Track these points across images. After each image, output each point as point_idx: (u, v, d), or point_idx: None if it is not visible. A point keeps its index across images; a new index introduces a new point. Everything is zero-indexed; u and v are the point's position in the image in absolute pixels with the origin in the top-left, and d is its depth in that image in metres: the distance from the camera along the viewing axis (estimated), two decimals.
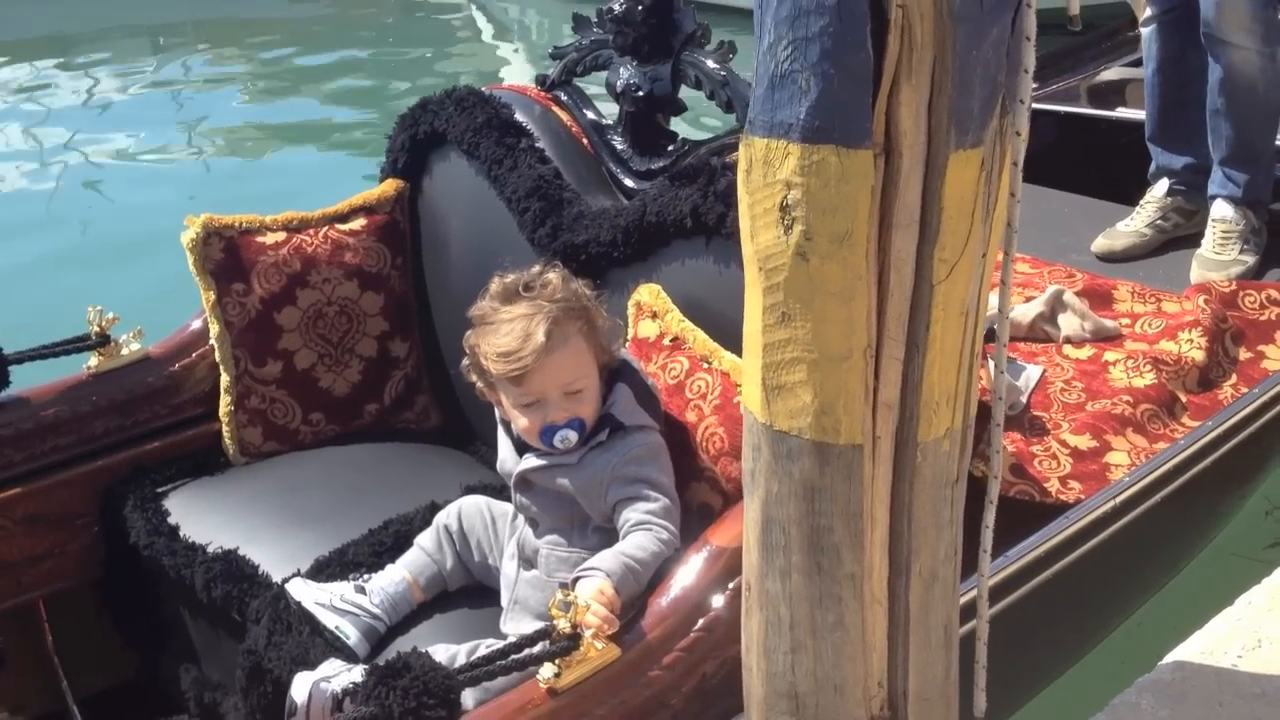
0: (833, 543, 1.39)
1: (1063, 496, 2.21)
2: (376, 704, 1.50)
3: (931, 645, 1.51)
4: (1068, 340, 2.72)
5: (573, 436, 1.93)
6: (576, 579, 1.79)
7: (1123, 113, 3.96)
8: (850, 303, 1.28)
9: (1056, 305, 2.75)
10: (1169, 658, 2.20)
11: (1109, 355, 2.63)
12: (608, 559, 1.81)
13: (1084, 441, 2.33)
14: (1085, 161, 3.81)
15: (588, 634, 1.67)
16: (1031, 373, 2.50)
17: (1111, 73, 4.35)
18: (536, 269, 2.00)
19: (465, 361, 2.00)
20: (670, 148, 2.41)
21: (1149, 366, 2.55)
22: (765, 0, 1.22)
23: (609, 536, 1.91)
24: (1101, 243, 3.44)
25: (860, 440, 1.34)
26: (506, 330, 1.90)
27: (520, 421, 1.97)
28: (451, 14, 11.46)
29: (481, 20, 11.15)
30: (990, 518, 1.57)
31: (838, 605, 1.42)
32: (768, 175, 1.26)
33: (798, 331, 1.31)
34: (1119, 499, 2.21)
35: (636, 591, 1.80)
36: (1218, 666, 2.15)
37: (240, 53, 10.26)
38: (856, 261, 1.26)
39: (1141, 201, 3.50)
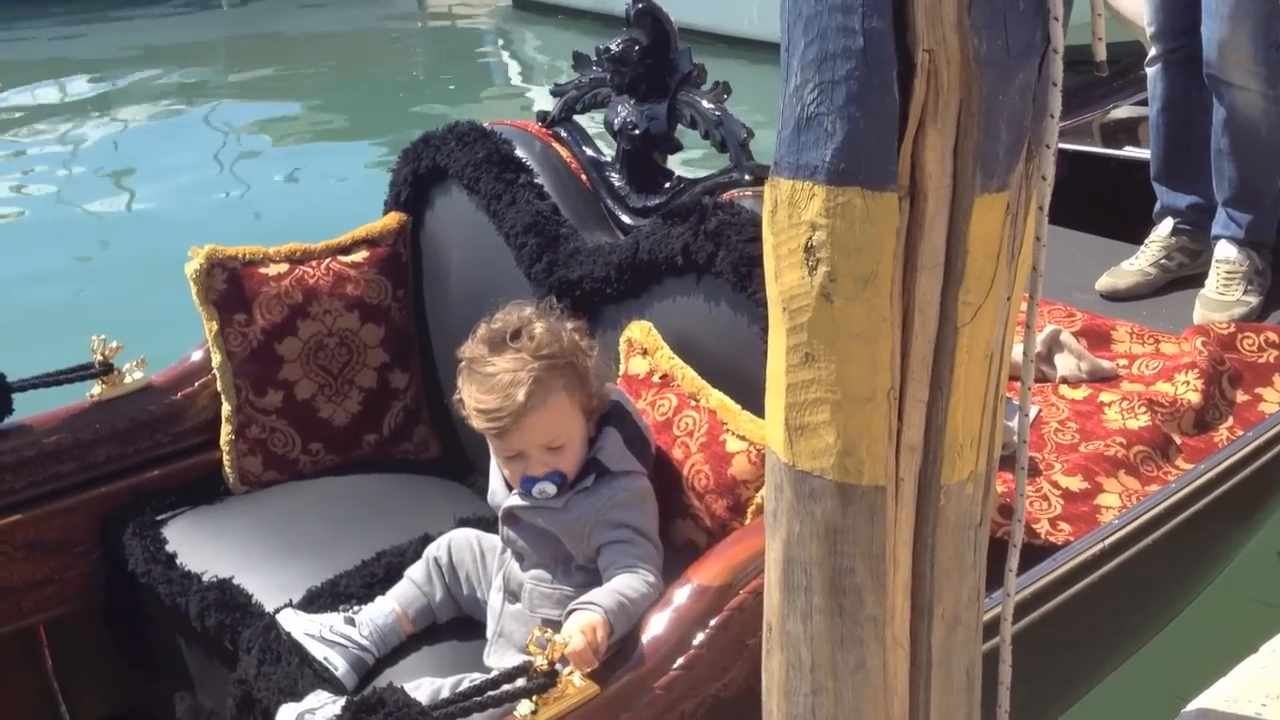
0: (854, 584, 1.39)
1: (1051, 538, 2.21)
2: None
3: (954, 689, 1.50)
4: (1064, 380, 2.73)
5: (550, 489, 1.95)
6: (571, 611, 1.79)
7: (1130, 151, 3.96)
8: (874, 344, 1.28)
9: (1053, 345, 2.76)
10: (1193, 705, 2.18)
11: (1104, 396, 2.63)
12: (604, 595, 1.81)
13: (1075, 483, 2.33)
14: (1092, 199, 3.81)
15: (565, 670, 1.68)
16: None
17: (1121, 111, 4.35)
18: (529, 312, 2.01)
19: (456, 396, 2.02)
20: (666, 185, 2.43)
21: (1144, 408, 2.55)
22: (792, 43, 1.24)
23: (592, 576, 1.92)
24: (1106, 281, 3.44)
25: (883, 482, 1.34)
26: (489, 386, 1.91)
27: (503, 469, 2.00)
28: (478, 49, 11.57)
29: (507, 56, 11.25)
30: (1014, 561, 1.56)
31: (859, 648, 1.42)
32: (793, 216, 1.28)
33: (821, 372, 1.31)
34: (1108, 541, 2.20)
35: (626, 631, 1.80)
36: (1242, 715, 2.12)
37: (265, 77, 10.38)
38: (880, 303, 1.27)
39: (1146, 240, 3.50)
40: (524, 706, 1.65)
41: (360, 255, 2.72)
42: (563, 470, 1.95)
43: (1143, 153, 3.80)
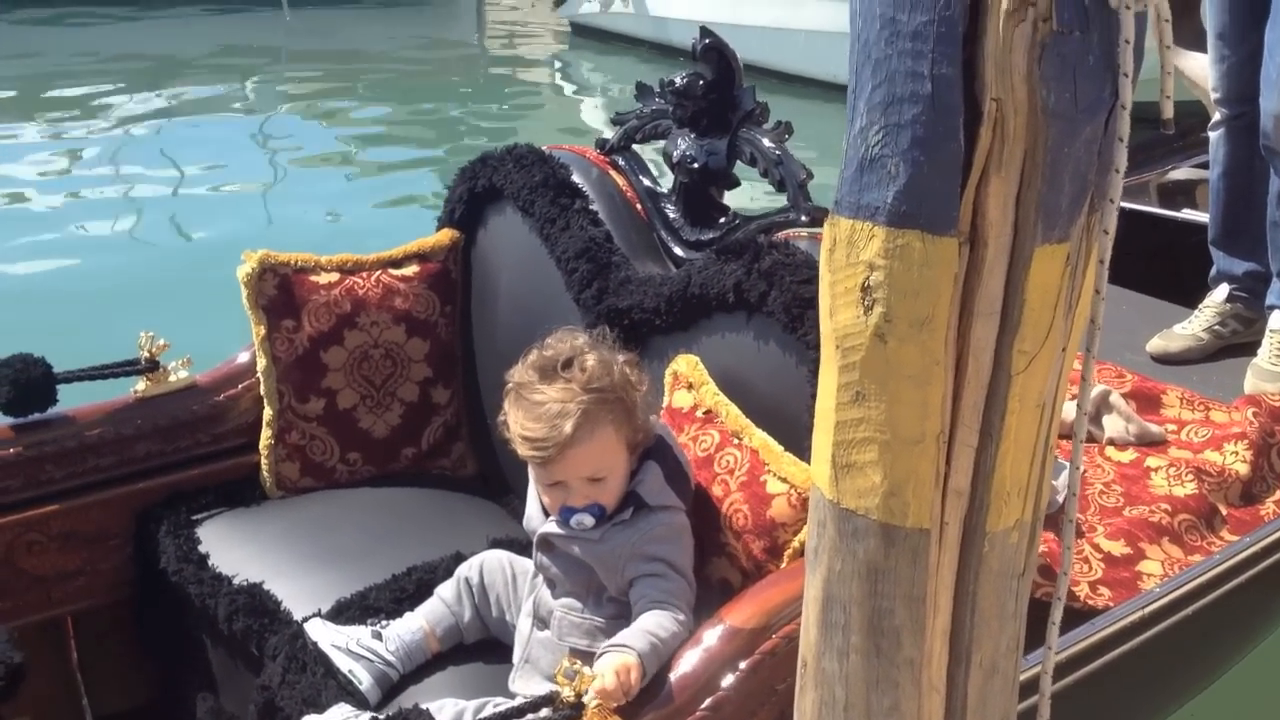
0: (893, 626, 1.38)
1: (1091, 602, 2.17)
2: None
3: None
4: (1110, 442, 2.69)
5: (588, 521, 1.94)
6: (604, 651, 1.77)
7: (1189, 214, 3.93)
8: (926, 387, 1.28)
9: (1102, 406, 2.72)
10: None
11: (1151, 461, 2.60)
12: (637, 637, 1.78)
13: (1118, 547, 2.30)
14: (1147, 260, 3.77)
15: (591, 704, 1.66)
16: (1062, 471, 2.46)
17: (1181, 172, 4.32)
18: (581, 341, 1.99)
19: (501, 418, 2.01)
20: (721, 220, 2.42)
21: (1191, 476, 2.51)
22: (860, 85, 1.24)
23: (623, 608, 1.91)
24: (1157, 344, 3.40)
25: (928, 525, 1.33)
26: (536, 414, 1.89)
27: (543, 496, 1.99)
28: (535, 73, 11.65)
29: (563, 81, 11.31)
30: (1057, 615, 1.54)
31: (894, 690, 1.41)
32: (851, 255, 1.27)
33: (871, 412, 1.31)
34: (1148, 609, 2.17)
35: (655, 670, 1.78)
36: None
37: (328, 88, 10.47)
38: (935, 346, 1.26)
39: (1200, 305, 3.46)
40: None
41: (411, 269, 2.73)
42: (602, 503, 1.93)
43: (1200, 215, 3.77)
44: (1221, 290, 3.46)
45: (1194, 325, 3.43)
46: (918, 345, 1.26)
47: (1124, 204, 4.05)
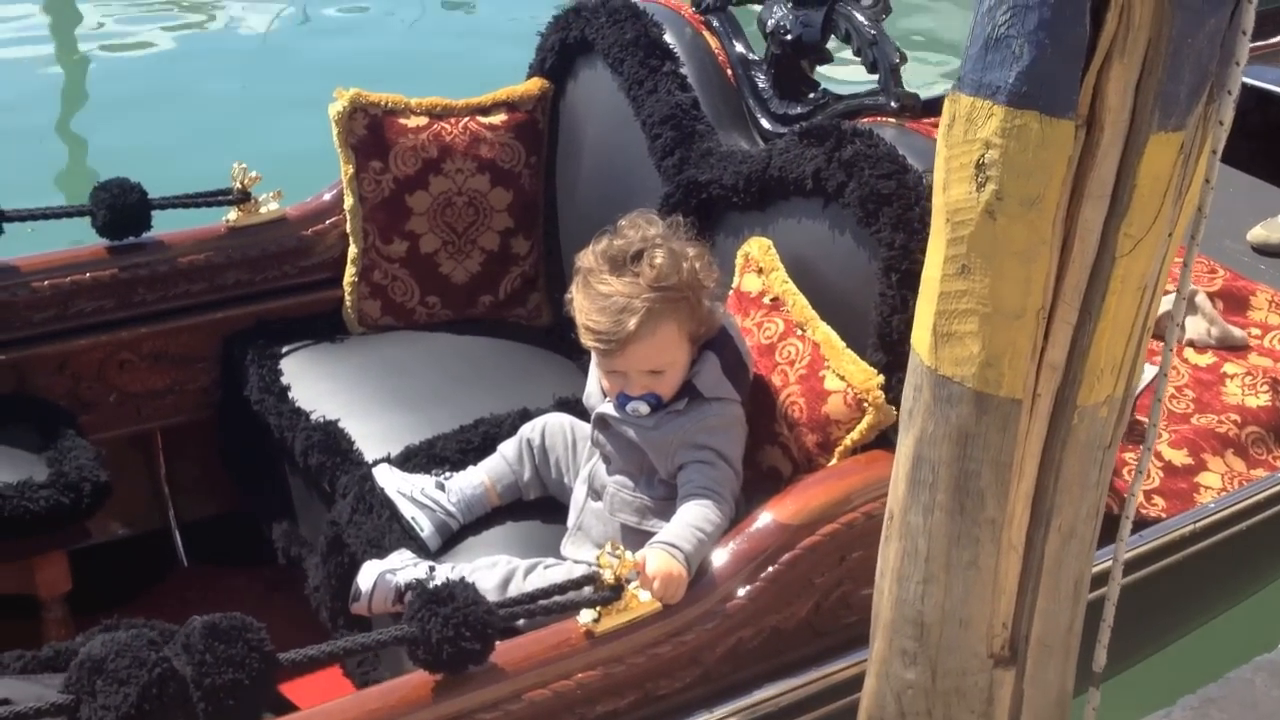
0: (978, 487, 1.46)
1: (1144, 511, 2.17)
2: (417, 626, 1.59)
3: (1060, 596, 1.57)
4: (1190, 344, 2.64)
5: (644, 409, 1.97)
6: (654, 545, 1.80)
7: None
8: (1031, 264, 1.34)
9: (1187, 306, 2.65)
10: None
11: (1229, 368, 2.54)
12: (685, 536, 1.81)
13: (1180, 457, 2.28)
14: (1263, 140, 3.60)
15: (631, 585, 1.74)
16: (1146, 373, 2.42)
17: None
18: (654, 232, 1.97)
19: (568, 297, 2.04)
20: (810, 95, 2.37)
21: (1266, 387, 2.46)
22: None
23: (673, 490, 1.96)
24: (1258, 233, 3.28)
25: (1020, 395, 1.40)
26: (602, 305, 1.91)
27: (602, 380, 2.02)
28: None
29: None
30: (1137, 487, 1.64)
31: (974, 546, 1.50)
32: (969, 132, 1.32)
33: (975, 285, 1.37)
34: (1200, 524, 2.17)
35: (698, 564, 1.83)
36: None
37: None
38: (1043, 225, 1.32)
39: None
40: (587, 614, 1.71)
41: (498, 118, 2.73)
42: (659, 393, 1.97)
43: None
44: None
45: None
46: (1026, 224, 1.32)
47: (1247, 79, 3.82)
